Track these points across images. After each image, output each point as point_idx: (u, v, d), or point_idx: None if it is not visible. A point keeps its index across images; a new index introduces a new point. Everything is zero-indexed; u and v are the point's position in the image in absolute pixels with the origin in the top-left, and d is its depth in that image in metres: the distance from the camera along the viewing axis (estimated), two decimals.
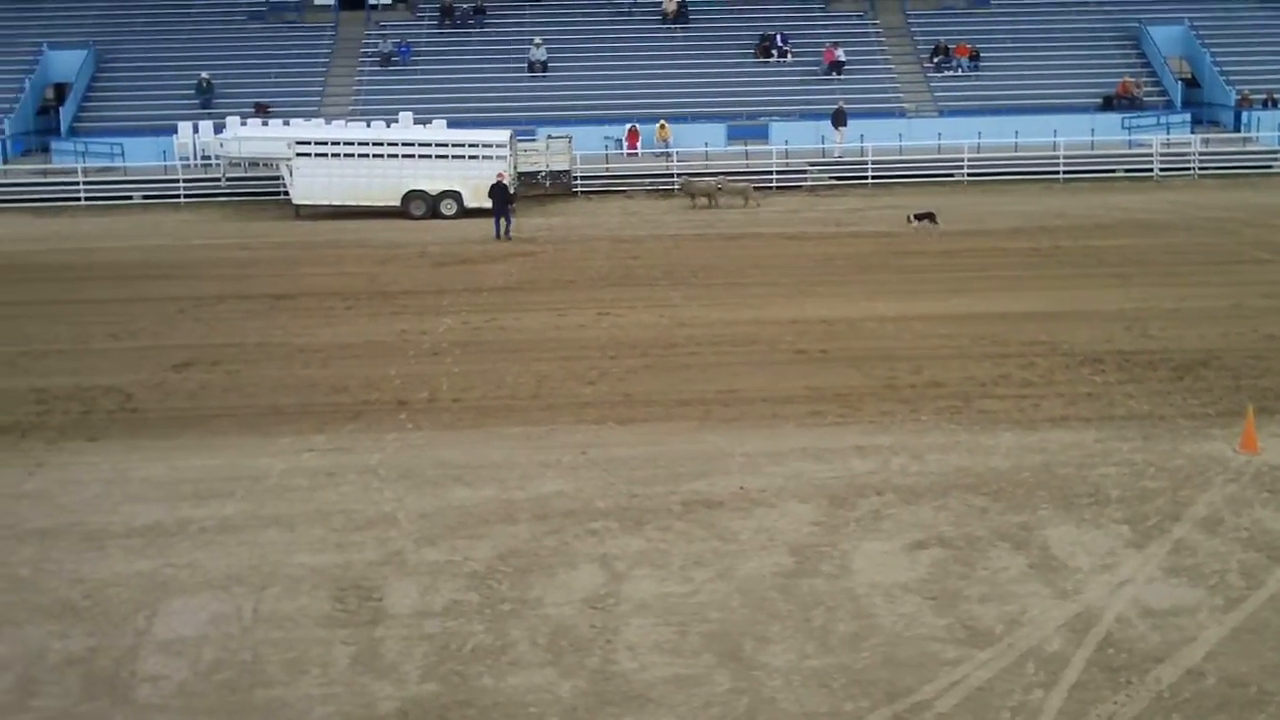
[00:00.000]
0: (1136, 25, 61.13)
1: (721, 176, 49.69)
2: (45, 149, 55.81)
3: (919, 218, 41.70)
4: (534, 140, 51.82)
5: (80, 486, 20.26)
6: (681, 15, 61.87)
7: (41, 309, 32.72)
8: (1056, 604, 15.74)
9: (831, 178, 52.01)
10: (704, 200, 47.77)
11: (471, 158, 46.74)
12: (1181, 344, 27.05)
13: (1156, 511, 18.49)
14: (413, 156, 46.96)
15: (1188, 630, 15.03)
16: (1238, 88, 57.41)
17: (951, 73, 59.43)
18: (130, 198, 51.37)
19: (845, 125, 54.41)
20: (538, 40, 59.61)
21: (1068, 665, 14.27)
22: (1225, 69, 58.66)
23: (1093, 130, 54.99)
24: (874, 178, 52.07)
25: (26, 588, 16.78)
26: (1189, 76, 60.48)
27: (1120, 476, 19.84)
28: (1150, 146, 53.76)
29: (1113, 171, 53.02)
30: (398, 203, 46.51)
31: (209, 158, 52.41)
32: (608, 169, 52.67)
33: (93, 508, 19.38)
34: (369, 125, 50.91)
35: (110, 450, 21.97)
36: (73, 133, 55.68)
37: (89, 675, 14.52)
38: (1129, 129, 55.83)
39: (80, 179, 51.51)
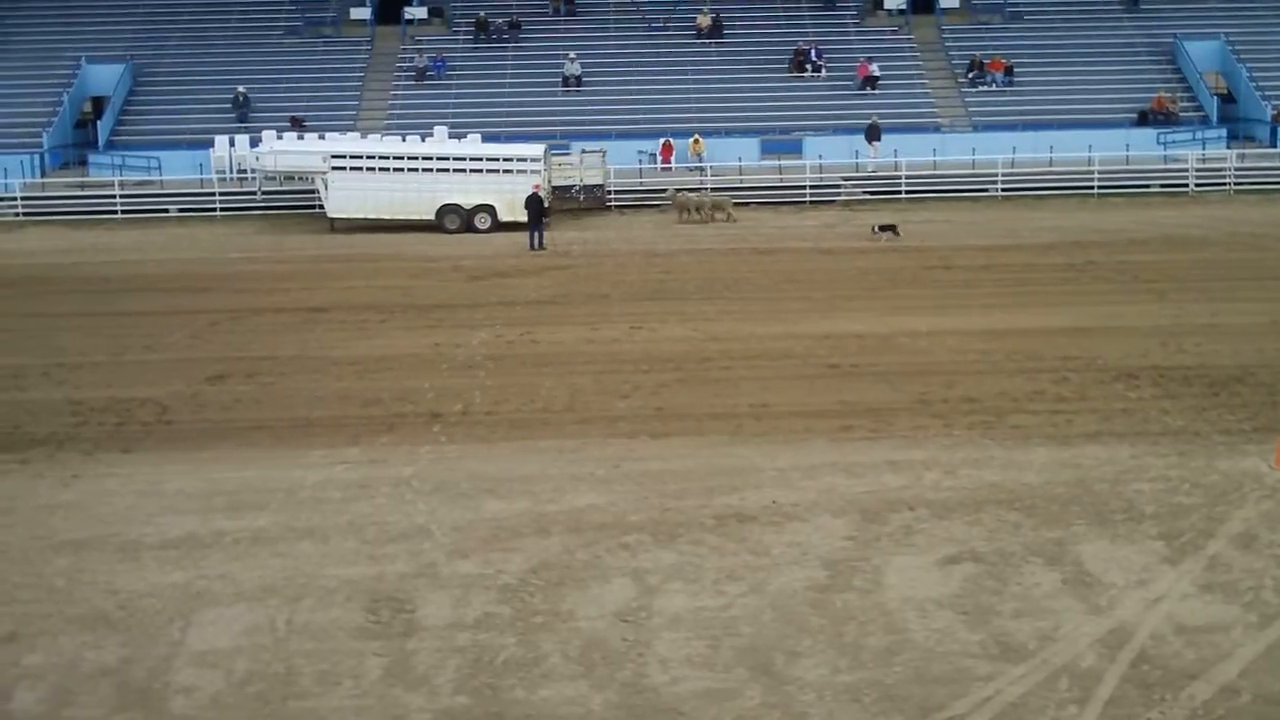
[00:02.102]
0: (1172, 40, 60.91)
1: (704, 191, 49.79)
2: (83, 162, 56.14)
3: (882, 229, 43.10)
4: (568, 154, 51.90)
5: (115, 498, 20.36)
6: (716, 30, 61.91)
7: (77, 321, 32.93)
8: (1090, 620, 15.68)
9: (865, 193, 51.95)
10: (690, 215, 47.82)
11: (506, 172, 46.88)
12: (1217, 360, 26.91)
13: (1191, 528, 18.40)
14: (447, 171, 47.10)
15: (1222, 647, 14.94)
16: (1274, 103, 57.10)
17: (986, 88, 59.30)
18: (166, 211, 51.64)
19: (879, 140, 54.37)
20: (572, 55, 59.74)
21: (1101, 681, 14.21)
22: (1261, 84, 58.36)
23: (1128, 145, 54.75)
24: (908, 193, 52.00)
25: (61, 598, 16.87)
26: (1225, 91, 60.19)
27: (1155, 492, 19.75)
28: (1186, 161, 53.53)
29: (1148, 187, 52.80)
30: (432, 216, 46.64)
31: (245, 171, 52.66)
32: (641, 183, 52.71)
33: (127, 519, 19.47)
34: (404, 139, 51.05)
35: (145, 462, 22.08)
36: (110, 146, 56.01)
37: (123, 686, 14.58)
38: (1164, 144, 55.58)
39: (117, 192, 51.79)
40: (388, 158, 47.63)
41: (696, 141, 54.83)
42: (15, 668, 15.04)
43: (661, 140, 55.11)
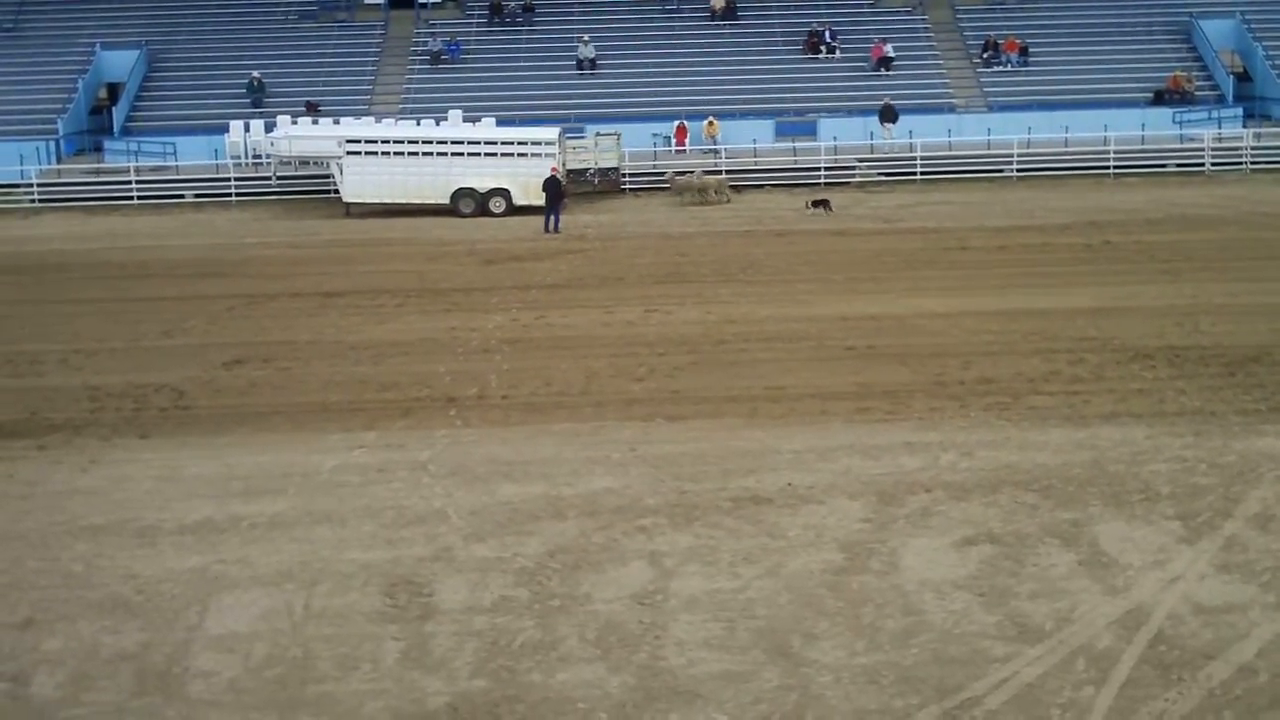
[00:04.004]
0: (1188, 19, 60.73)
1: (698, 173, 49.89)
2: (98, 148, 56.26)
3: (815, 204, 44.78)
4: (582, 138, 51.89)
5: (132, 483, 20.40)
6: (729, 11, 61.82)
7: (94, 307, 32.98)
8: (1107, 601, 15.65)
9: (880, 174, 51.89)
10: (696, 196, 47.91)
11: (520, 155, 46.93)
12: (1233, 339, 26.83)
13: (1208, 508, 18.36)
14: (462, 154, 47.16)
15: (1239, 627, 14.92)
16: None
17: (1001, 68, 59.18)
18: (182, 197, 51.74)
19: (894, 121, 54.29)
20: (586, 38, 59.70)
21: (1118, 662, 14.20)
22: (1277, 63, 58.16)
23: (1143, 125, 54.63)
24: (923, 174, 51.93)
25: (79, 583, 16.91)
26: (1241, 70, 60.00)
27: (1171, 473, 19.71)
28: (1202, 141, 53.41)
29: (1164, 166, 52.71)
30: (447, 200, 46.71)
31: (260, 156, 52.74)
32: (656, 166, 52.67)
33: (145, 504, 19.51)
34: (418, 123, 51.13)
35: (162, 447, 22.12)
36: (125, 132, 56.12)
37: (141, 670, 14.62)
38: (1180, 123, 55.42)
39: (133, 178, 51.91)
40: (402, 142, 47.71)
41: (711, 124, 54.79)
42: (34, 653, 15.09)
43: (676, 123, 55.08)
